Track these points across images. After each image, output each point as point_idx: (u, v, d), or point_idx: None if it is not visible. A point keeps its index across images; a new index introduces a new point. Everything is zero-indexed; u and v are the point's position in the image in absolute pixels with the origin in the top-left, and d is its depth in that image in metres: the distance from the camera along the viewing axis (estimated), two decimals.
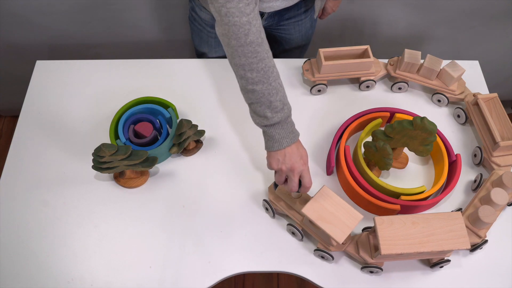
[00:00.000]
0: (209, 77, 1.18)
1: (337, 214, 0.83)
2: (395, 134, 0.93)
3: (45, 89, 1.15)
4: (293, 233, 0.94)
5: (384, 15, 1.45)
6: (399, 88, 1.16)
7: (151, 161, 0.96)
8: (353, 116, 1.06)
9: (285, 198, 0.91)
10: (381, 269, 0.88)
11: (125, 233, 0.94)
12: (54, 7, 1.32)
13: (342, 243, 0.87)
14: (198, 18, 1.15)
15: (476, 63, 1.24)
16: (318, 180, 1.02)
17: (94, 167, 0.93)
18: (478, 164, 1.04)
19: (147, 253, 0.92)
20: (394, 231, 0.82)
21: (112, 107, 1.11)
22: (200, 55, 1.29)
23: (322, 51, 1.09)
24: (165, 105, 1.06)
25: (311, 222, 0.84)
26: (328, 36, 1.55)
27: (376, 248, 0.86)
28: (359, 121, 1.05)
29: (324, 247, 0.89)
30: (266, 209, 0.96)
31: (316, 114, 1.13)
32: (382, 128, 1.11)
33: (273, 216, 0.96)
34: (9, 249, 0.92)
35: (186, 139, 1.00)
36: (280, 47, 1.29)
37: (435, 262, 0.89)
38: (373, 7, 1.42)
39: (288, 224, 0.94)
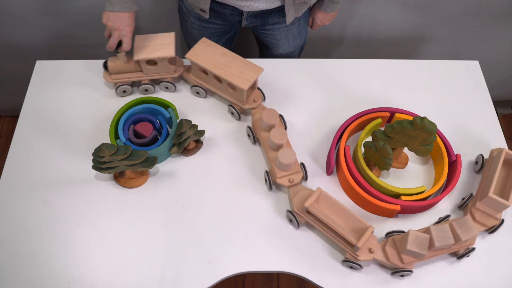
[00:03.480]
0: None
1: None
2: (395, 134, 0.93)
3: (45, 89, 1.15)
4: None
5: (384, 15, 1.45)
6: None
7: (151, 161, 0.96)
8: (353, 116, 1.06)
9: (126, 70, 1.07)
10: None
11: (125, 233, 0.94)
12: (54, 7, 1.32)
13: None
14: (184, 8, 1.15)
15: (476, 63, 1.24)
16: (318, 180, 1.02)
17: (94, 167, 0.93)
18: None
19: (147, 253, 0.92)
20: (206, 50, 1.03)
21: (112, 107, 1.11)
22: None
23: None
24: (165, 105, 1.06)
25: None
26: (328, 36, 1.55)
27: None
28: (359, 121, 1.05)
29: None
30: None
31: (316, 114, 1.13)
32: (382, 128, 1.11)
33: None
34: (9, 249, 0.92)
35: (186, 139, 1.00)
36: (269, 53, 1.30)
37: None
38: (373, 7, 1.42)
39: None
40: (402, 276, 0.89)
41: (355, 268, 0.90)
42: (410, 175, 1.04)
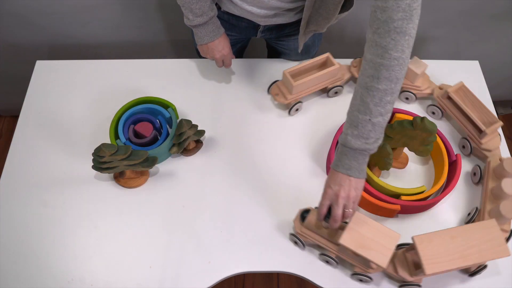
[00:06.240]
0: (209, 77, 1.18)
1: (376, 238, 0.82)
2: (395, 134, 0.93)
3: (45, 89, 1.15)
4: (327, 262, 0.91)
5: None
6: None
7: (151, 161, 0.96)
8: None
9: (315, 230, 0.89)
10: (420, 286, 0.86)
11: (125, 233, 0.94)
12: (54, 7, 1.32)
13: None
14: None
15: (476, 63, 1.24)
16: (318, 180, 1.02)
17: (94, 167, 0.93)
18: (469, 155, 1.05)
19: (147, 253, 0.92)
20: (434, 249, 0.80)
21: (112, 107, 1.11)
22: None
23: (287, 72, 1.06)
24: (165, 105, 1.06)
25: (350, 251, 0.82)
26: (327, 36, 1.55)
27: (416, 265, 0.83)
28: None
29: (362, 270, 0.87)
30: (295, 242, 0.93)
31: (316, 114, 1.13)
32: None
33: (304, 248, 0.93)
34: (9, 249, 0.92)
35: (186, 139, 1.00)
36: (280, 58, 1.29)
37: (474, 270, 0.88)
38: None
39: (320, 254, 0.91)
40: None
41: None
42: (410, 175, 1.04)
